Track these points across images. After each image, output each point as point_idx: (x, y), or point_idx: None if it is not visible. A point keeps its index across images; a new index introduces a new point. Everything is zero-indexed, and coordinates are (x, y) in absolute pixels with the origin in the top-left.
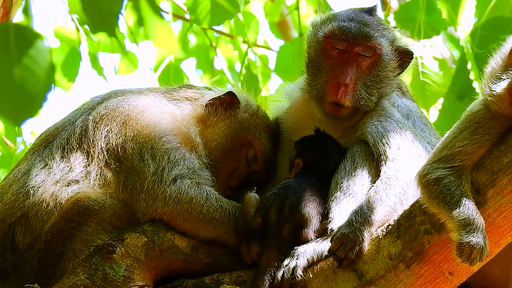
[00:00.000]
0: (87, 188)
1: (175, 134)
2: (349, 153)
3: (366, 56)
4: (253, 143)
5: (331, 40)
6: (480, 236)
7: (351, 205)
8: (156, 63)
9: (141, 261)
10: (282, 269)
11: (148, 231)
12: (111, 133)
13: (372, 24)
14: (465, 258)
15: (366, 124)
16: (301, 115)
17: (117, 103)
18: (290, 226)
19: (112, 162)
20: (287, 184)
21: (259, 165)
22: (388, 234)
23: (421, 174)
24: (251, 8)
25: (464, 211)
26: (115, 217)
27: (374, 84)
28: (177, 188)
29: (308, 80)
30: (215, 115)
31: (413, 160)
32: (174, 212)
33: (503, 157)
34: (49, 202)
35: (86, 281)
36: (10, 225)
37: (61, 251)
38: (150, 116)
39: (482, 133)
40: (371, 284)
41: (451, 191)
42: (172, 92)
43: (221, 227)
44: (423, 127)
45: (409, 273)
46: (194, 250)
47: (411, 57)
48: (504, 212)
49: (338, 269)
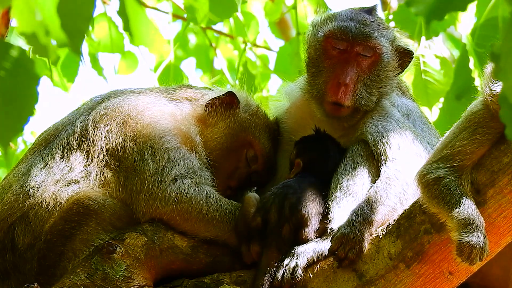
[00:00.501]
0: (87, 188)
1: (175, 134)
2: (349, 153)
3: (366, 56)
4: (253, 143)
5: (331, 40)
6: (480, 235)
7: (351, 205)
8: (156, 63)
9: (141, 261)
10: (282, 269)
11: (148, 231)
12: (111, 133)
13: (372, 24)
14: (465, 258)
15: (366, 124)
16: (301, 115)
17: (117, 103)
18: (290, 226)
19: (112, 162)
20: (287, 184)
21: (259, 165)
22: (388, 234)
23: (421, 174)
24: (251, 8)
25: (464, 210)
26: (115, 217)
27: (374, 84)
28: (177, 188)
29: (308, 80)
30: (215, 115)
31: (413, 160)
32: (174, 211)
33: (503, 157)
34: (49, 202)
35: (86, 281)
36: (10, 225)
37: (61, 251)
38: (150, 116)
39: (482, 133)
40: (371, 284)
41: (451, 191)
42: (172, 92)
43: (221, 227)
44: (423, 127)
45: (409, 273)
46: (194, 250)
47: (411, 56)
48: (504, 212)
49: (338, 269)
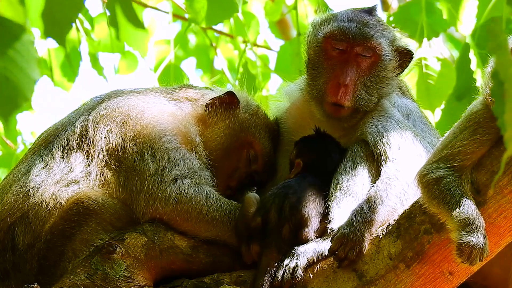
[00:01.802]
0: (87, 188)
1: (175, 134)
2: (349, 153)
3: (366, 56)
4: (253, 143)
5: (331, 41)
6: (480, 236)
7: (351, 205)
8: (156, 63)
9: (141, 261)
10: (282, 269)
11: (148, 231)
12: (111, 133)
13: (372, 24)
14: (465, 258)
15: (367, 124)
16: (301, 115)
17: (117, 103)
18: (290, 226)
19: (112, 162)
20: (287, 184)
21: (259, 165)
22: (388, 234)
23: (421, 174)
24: (251, 8)
25: (464, 211)
26: (115, 217)
27: (374, 84)
28: (177, 188)
29: (308, 80)
30: (215, 115)
31: (414, 160)
32: (174, 212)
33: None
34: (49, 202)
35: (86, 281)
36: (10, 225)
37: (61, 251)
38: (150, 116)
39: (482, 133)
40: (371, 284)
41: (451, 191)
42: (172, 92)
43: (221, 227)
44: (423, 127)
45: (409, 273)
46: (194, 250)
47: (411, 57)
48: (504, 212)
49: (338, 269)
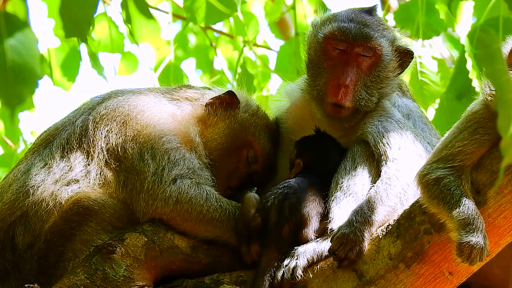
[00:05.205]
0: (87, 188)
1: (175, 134)
2: (350, 153)
3: (366, 57)
4: (253, 143)
5: (331, 41)
6: (480, 236)
7: (351, 205)
8: (156, 63)
9: (141, 261)
10: (282, 269)
11: (148, 231)
12: (111, 133)
13: (372, 25)
14: (465, 258)
15: (367, 124)
16: (301, 115)
17: (117, 103)
18: (290, 226)
19: (112, 162)
20: (287, 184)
21: (259, 165)
22: (388, 234)
23: (421, 174)
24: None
25: (464, 211)
26: (115, 217)
27: (375, 85)
28: (177, 188)
29: (308, 80)
30: (215, 115)
31: (414, 160)
32: (174, 212)
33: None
34: (49, 202)
35: (86, 281)
36: (10, 225)
37: (61, 251)
38: (150, 116)
39: (482, 133)
40: (371, 284)
41: (451, 191)
42: (172, 92)
43: (221, 227)
44: (423, 127)
45: (409, 273)
46: (194, 250)
47: (412, 57)
48: (504, 212)
49: (338, 269)
